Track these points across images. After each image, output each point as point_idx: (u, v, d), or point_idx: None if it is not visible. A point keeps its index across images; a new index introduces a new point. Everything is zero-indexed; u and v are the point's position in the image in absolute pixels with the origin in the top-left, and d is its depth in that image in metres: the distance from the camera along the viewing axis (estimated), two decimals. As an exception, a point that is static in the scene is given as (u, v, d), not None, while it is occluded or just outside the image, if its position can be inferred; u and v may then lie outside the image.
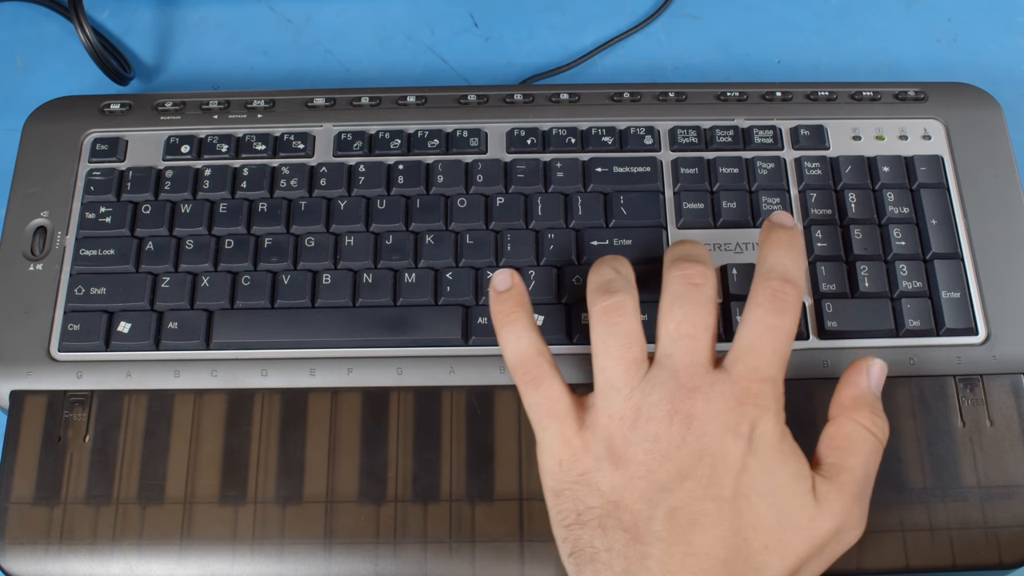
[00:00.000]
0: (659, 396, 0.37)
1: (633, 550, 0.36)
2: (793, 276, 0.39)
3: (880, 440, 0.38)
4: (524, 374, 0.39)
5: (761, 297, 0.39)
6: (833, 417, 0.39)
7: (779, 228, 0.40)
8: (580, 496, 0.37)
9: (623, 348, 0.38)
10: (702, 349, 0.38)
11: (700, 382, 0.38)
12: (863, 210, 0.46)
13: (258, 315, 0.45)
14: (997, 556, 0.41)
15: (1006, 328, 0.45)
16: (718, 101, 0.49)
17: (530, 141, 0.48)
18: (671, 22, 0.58)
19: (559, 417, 0.38)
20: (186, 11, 0.58)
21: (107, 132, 0.49)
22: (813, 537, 0.36)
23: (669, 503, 0.36)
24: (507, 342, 0.40)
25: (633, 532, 0.36)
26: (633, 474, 0.37)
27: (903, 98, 0.50)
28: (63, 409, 0.43)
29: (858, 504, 0.37)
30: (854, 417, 0.38)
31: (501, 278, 0.41)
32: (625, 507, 0.37)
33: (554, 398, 0.39)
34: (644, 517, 0.36)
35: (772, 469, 0.37)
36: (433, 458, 0.42)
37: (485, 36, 0.57)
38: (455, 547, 0.41)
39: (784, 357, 0.38)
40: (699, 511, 0.36)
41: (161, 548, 0.41)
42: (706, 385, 0.37)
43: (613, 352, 0.38)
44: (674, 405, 0.37)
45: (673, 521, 0.36)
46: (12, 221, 0.47)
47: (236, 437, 0.43)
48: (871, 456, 0.38)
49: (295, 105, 0.50)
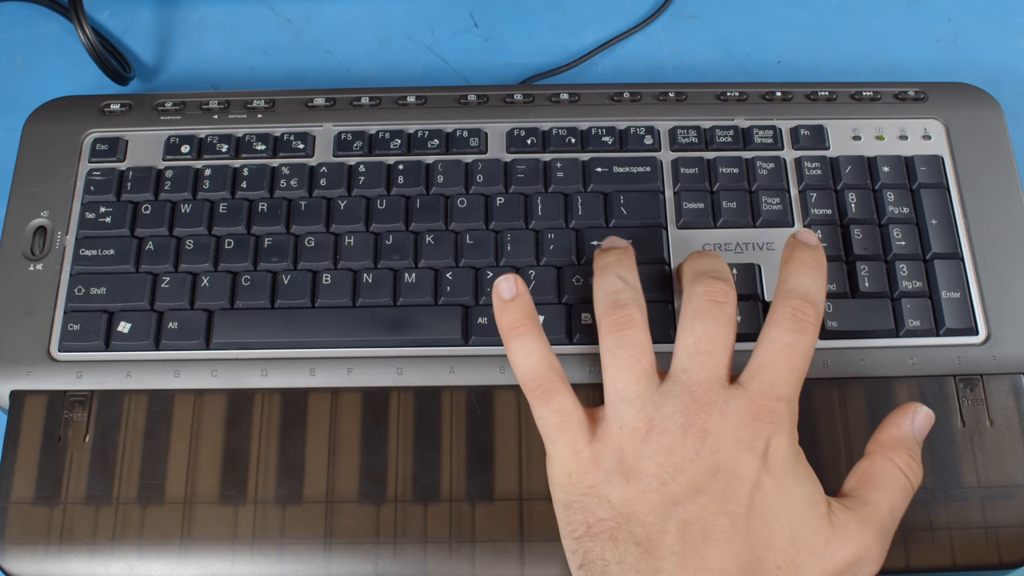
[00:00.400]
0: (673, 409, 0.37)
1: (645, 564, 0.35)
2: (814, 296, 0.39)
3: (912, 483, 0.38)
4: (535, 388, 0.39)
5: (780, 315, 0.39)
6: (869, 453, 0.39)
7: (803, 247, 0.40)
8: (590, 508, 0.37)
9: (633, 359, 0.38)
10: (719, 366, 0.38)
11: (716, 397, 0.37)
12: (863, 210, 0.46)
13: (258, 315, 0.45)
14: (997, 556, 0.41)
15: (1006, 328, 0.45)
16: (718, 101, 0.49)
17: (530, 141, 0.48)
18: (671, 22, 0.58)
19: (570, 430, 0.38)
20: (186, 11, 0.58)
21: (107, 132, 0.49)
22: (827, 563, 0.36)
23: (682, 516, 0.36)
24: (517, 356, 0.39)
25: (645, 545, 0.36)
26: (645, 487, 0.37)
27: (903, 98, 0.50)
28: (63, 409, 0.43)
29: (879, 539, 0.37)
30: (890, 455, 0.38)
31: (506, 286, 0.40)
32: (637, 520, 0.36)
33: (565, 412, 0.38)
34: (657, 530, 0.36)
35: (786, 489, 0.36)
36: (433, 458, 0.42)
37: (485, 36, 0.57)
38: (455, 547, 0.41)
39: (800, 376, 0.38)
40: (713, 526, 0.36)
41: (161, 548, 0.41)
42: (721, 400, 0.37)
43: (623, 364, 0.38)
44: (688, 418, 0.37)
45: (686, 535, 0.36)
46: (12, 221, 0.47)
47: (236, 437, 0.43)
48: (899, 496, 0.38)
49: (295, 105, 0.50)
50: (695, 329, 0.38)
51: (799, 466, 0.37)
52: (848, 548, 0.36)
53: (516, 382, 0.43)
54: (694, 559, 0.35)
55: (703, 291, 0.39)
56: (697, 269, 0.40)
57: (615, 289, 0.40)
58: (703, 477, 0.36)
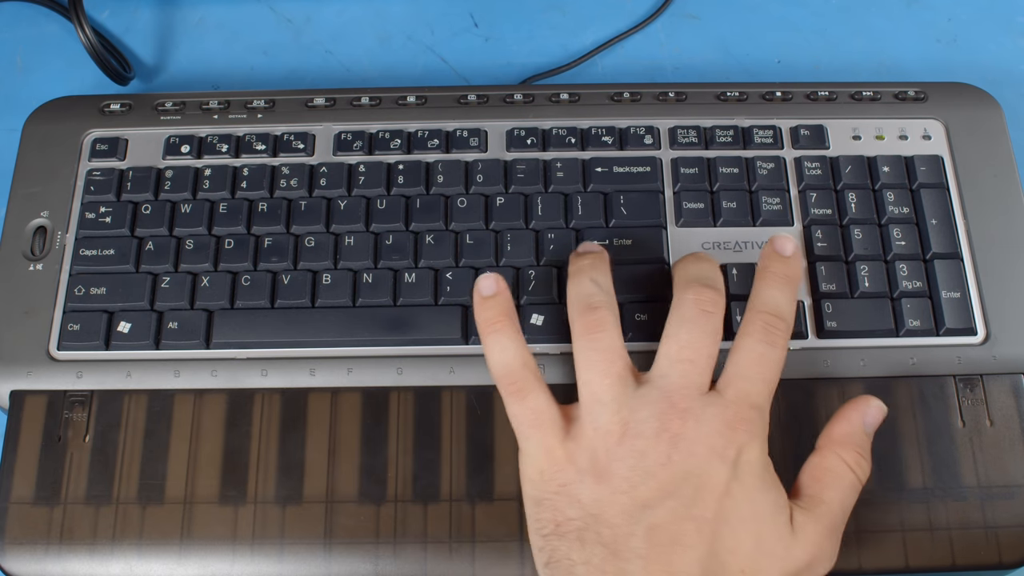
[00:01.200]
0: (648, 413, 0.37)
1: (611, 565, 0.36)
2: (784, 312, 0.40)
3: (859, 479, 0.39)
4: (509, 385, 0.39)
5: (752, 328, 0.39)
6: (819, 448, 0.39)
7: (777, 261, 0.41)
8: (560, 507, 0.37)
9: (607, 363, 0.39)
10: (700, 374, 0.38)
11: (692, 404, 0.38)
12: (863, 210, 0.46)
13: (258, 315, 0.45)
14: (997, 556, 0.41)
15: (1006, 328, 0.45)
16: (718, 101, 0.49)
17: (530, 141, 0.48)
18: (671, 22, 0.58)
19: (543, 428, 0.38)
20: (186, 11, 0.58)
21: (107, 132, 0.49)
22: (787, 567, 0.36)
23: (650, 520, 0.36)
24: (492, 352, 0.40)
25: (612, 547, 0.36)
26: (615, 489, 0.37)
27: (903, 98, 0.50)
28: (63, 409, 0.43)
29: (831, 538, 0.38)
30: (839, 452, 0.39)
31: (486, 283, 0.41)
32: (605, 521, 0.36)
33: (539, 409, 0.39)
34: (624, 533, 0.36)
35: (754, 497, 0.37)
36: (433, 458, 0.42)
37: (485, 36, 0.57)
38: (455, 547, 0.41)
39: (773, 387, 0.39)
40: (680, 531, 0.36)
41: (161, 548, 0.41)
42: (698, 407, 0.38)
43: (597, 367, 0.39)
44: (663, 423, 0.37)
45: (653, 539, 0.36)
46: (12, 221, 0.47)
47: (236, 437, 0.43)
48: (848, 492, 0.38)
49: (295, 105, 0.50)
50: (680, 337, 0.39)
51: (767, 475, 0.38)
52: (806, 551, 0.37)
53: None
54: (660, 562, 0.36)
55: (693, 299, 0.39)
56: (690, 275, 0.40)
57: (588, 292, 0.40)
58: (674, 482, 0.37)
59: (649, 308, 0.44)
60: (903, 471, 0.42)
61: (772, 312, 0.39)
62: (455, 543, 0.41)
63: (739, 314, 0.44)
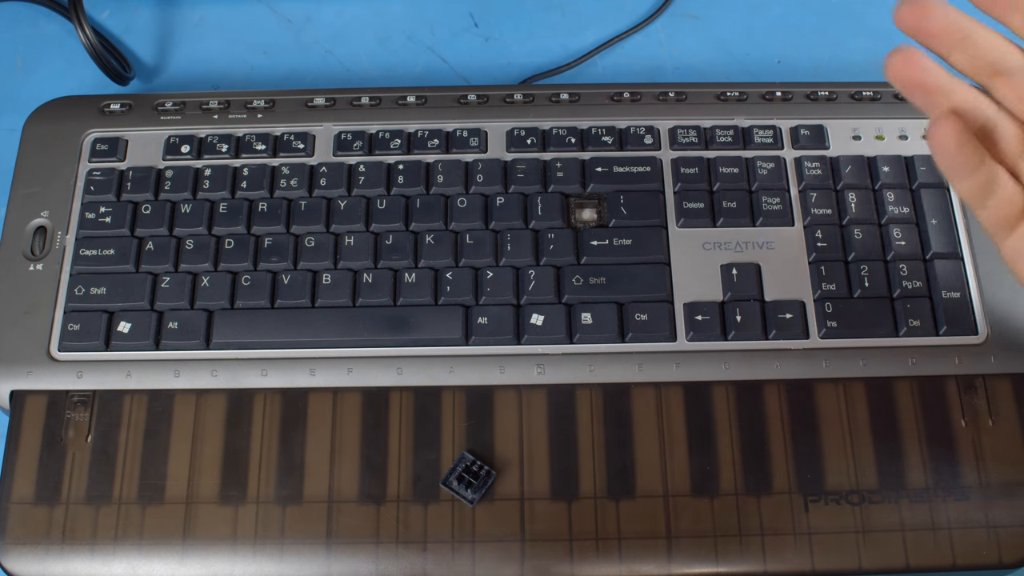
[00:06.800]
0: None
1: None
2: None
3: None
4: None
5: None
6: None
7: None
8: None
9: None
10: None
11: None
12: (863, 210, 0.46)
13: (258, 315, 0.45)
14: (997, 556, 0.41)
15: (1006, 328, 0.45)
16: (718, 101, 0.50)
17: (530, 141, 0.48)
18: (671, 22, 0.58)
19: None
20: (186, 11, 0.58)
21: (107, 132, 0.49)
22: None
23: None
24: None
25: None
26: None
27: (903, 98, 0.50)
28: (64, 409, 0.43)
29: None
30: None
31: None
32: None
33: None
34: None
35: None
36: (434, 458, 0.42)
37: (485, 36, 0.57)
38: (456, 547, 0.41)
39: None
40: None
41: (162, 548, 0.41)
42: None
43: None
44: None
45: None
46: (12, 221, 0.47)
47: (237, 437, 0.43)
48: None
49: (295, 105, 0.50)
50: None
51: None
52: None
53: (516, 382, 0.43)
54: None
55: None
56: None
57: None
58: None
59: (650, 308, 0.44)
60: (903, 471, 0.42)
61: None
62: (456, 543, 0.41)
63: (737, 315, 0.44)
